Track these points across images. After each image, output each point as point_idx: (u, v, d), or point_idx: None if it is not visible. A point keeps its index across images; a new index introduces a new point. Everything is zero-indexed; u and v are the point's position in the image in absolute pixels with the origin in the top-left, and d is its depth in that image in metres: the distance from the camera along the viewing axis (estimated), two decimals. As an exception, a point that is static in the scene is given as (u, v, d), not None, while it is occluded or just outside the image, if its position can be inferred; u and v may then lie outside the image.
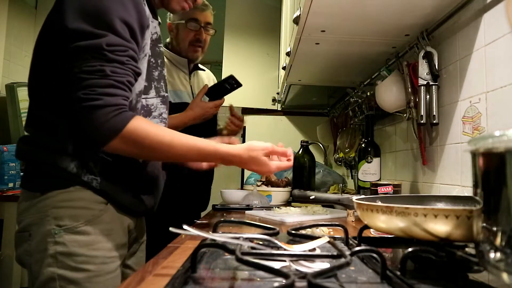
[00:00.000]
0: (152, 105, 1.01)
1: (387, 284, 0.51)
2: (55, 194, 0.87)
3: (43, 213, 0.87)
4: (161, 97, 1.05)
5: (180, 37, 1.77)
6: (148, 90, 1.00)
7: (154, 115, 1.03)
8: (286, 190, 1.75)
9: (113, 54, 0.83)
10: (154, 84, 1.02)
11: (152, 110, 1.02)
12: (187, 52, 1.78)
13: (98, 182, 0.90)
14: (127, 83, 0.85)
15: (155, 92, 1.02)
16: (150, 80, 1.00)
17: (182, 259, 0.66)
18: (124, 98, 0.84)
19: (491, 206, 0.41)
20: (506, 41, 0.92)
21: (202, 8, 1.75)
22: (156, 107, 1.03)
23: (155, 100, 1.02)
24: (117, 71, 0.83)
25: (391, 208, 0.58)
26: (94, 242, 0.88)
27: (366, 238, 0.78)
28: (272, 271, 0.46)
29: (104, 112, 0.80)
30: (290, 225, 1.12)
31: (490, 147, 0.42)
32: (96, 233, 0.88)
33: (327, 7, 1.15)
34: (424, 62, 1.23)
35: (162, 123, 1.05)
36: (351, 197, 1.27)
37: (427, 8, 1.14)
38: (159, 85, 1.05)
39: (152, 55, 1.00)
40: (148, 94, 1.00)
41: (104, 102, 0.80)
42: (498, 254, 0.40)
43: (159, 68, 1.04)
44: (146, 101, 0.99)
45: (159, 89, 1.04)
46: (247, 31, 3.16)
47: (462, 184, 1.11)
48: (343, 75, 1.96)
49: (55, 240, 0.85)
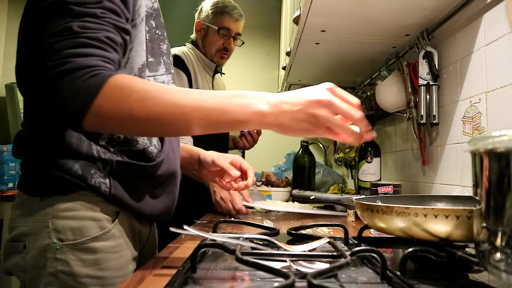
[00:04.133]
0: (163, 83, 0.86)
1: (387, 284, 0.51)
2: (57, 201, 0.74)
3: (42, 223, 0.73)
4: (171, 74, 0.91)
5: (208, 41, 1.74)
6: (157, 66, 0.86)
7: None
8: (286, 190, 1.75)
9: (81, 7, 0.66)
10: (163, 59, 0.88)
11: None
12: (212, 57, 1.75)
13: (107, 186, 0.76)
14: (106, 39, 0.67)
15: (165, 68, 0.88)
16: (158, 55, 0.87)
17: (182, 259, 0.66)
18: (102, 58, 0.65)
19: (491, 206, 0.41)
20: (506, 41, 0.92)
21: (237, 17, 1.73)
22: (167, 85, 0.88)
23: (165, 77, 0.88)
24: (89, 26, 0.66)
25: (391, 208, 0.58)
26: (101, 261, 0.74)
27: (366, 238, 0.78)
28: (272, 271, 0.46)
29: (73, 77, 0.61)
30: (288, 223, 1.12)
31: (490, 147, 0.42)
32: (105, 250, 0.75)
33: (327, 7, 1.15)
34: (424, 62, 1.23)
35: None
36: (351, 197, 1.28)
37: (427, 8, 1.14)
38: (169, 60, 0.91)
39: (158, 26, 0.87)
40: (158, 70, 0.86)
41: (72, 65, 0.62)
42: (498, 254, 0.40)
43: (166, 42, 0.91)
44: (155, 79, 0.85)
45: (169, 65, 0.91)
46: (247, 31, 3.14)
47: (462, 184, 1.11)
48: (343, 75, 1.96)
49: (56, 256, 0.72)
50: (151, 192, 0.85)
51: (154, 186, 0.85)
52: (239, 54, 3.21)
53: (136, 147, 0.80)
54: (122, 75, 0.64)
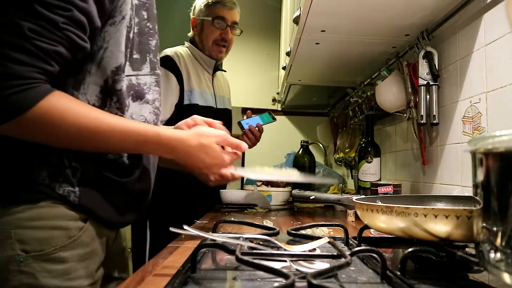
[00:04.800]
0: (145, 84, 0.80)
1: (387, 284, 0.51)
2: (21, 210, 0.68)
3: (4, 233, 0.67)
4: (156, 76, 0.83)
5: (204, 34, 1.68)
6: (142, 64, 0.78)
7: (148, 99, 0.81)
8: (286, 190, 1.75)
9: (44, 9, 0.59)
10: (150, 57, 0.80)
11: (145, 92, 0.80)
12: (210, 51, 1.68)
13: (76, 195, 0.71)
14: (53, 54, 0.61)
15: (150, 68, 0.80)
16: (145, 52, 0.79)
17: (182, 259, 0.66)
18: (41, 71, 0.60)
19: (491, 206, 0.41)
20: (506, 41, 0.92)
21: (231, 6, 1.67)
22: (150, 88, 0.81)
23: (149, 79, 0.80)
24: (42, 33, 0.60)
25: (391, 208, 0.58)
26: (70, 270, 0.70)
27: (366, 238, 0.78)
28: (272, 271, 0.46)
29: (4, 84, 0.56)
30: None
31: (490, 147, 0.42)
32: (73, 259, 0.71)
33: (327, 7, 1.15)
34: (424, 62, 1.23)
35: (153, 115, 0.83)
36: (351, 197, 1.28)
37: (427, 8, 1.14)
38: (156, 59, 0.83)
39: (149, 18, 0.80)
40: (141, 69, 0.78)
41: (6, 70, 0.56)
42: (498, 254, 0.40)
43: (156, 37, 0.83)
44: (138, 79, 0.77)
45: (155, 64, 0.82)
46: (247, 31, 3.15)
47: (462, 184, 1.11)
48: (343, 75, 1.96)
49: (20, 269, 0.66)
50: (122, 205, 0.81)
51: (126, 201, 0.81)
52: (239, 54, 3.22)
53: (106, 156, 0.76)
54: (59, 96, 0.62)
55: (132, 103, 0.78)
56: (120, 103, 0.75)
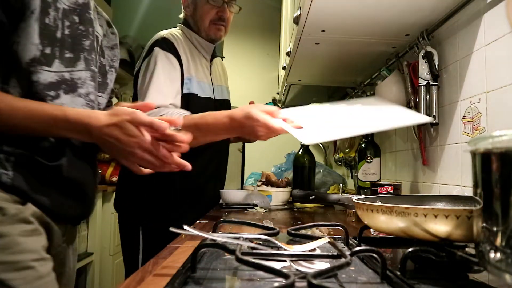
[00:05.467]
0: (79, 79, 0.86)
1: (387, 284, 0.51)
2: None
3: None
4: (92, 71, 0.90)
5: (198, 14, 1.47)
6: (76, 61, 0.86)
7: (80, 92, 0.87)
8: (286, 190, 1.75)
9: None
10: (84, 55, 0.88)
11: (79, 86, 0.86)
12: (207, 32, 1.47)
13: (9, 177, 0.75)
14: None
15: (85, 64, 0.88)
16: (78, 51, 0.86)
17: (182, 259, 0.66)
18: None
19: (491, 206, 0.41)
20: (506, 41, 0.92)
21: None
22: (84, 82, 0.88)
23: (84, 74, 0.87)
24: None
25: (391, 208, 0.58)
26: (11, 244, 0.72)
27: (366, 238, 0.78)
28: (272, 271, 0.46)
29: None
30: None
31: (490, 147, 0.42)
32: (14, 233, 0.73)
33: (327, 7, 1.15)
34: (424, 62, 1.23)
35: (88, 107, 0.88)
36: (351, 197, 1.28)
37: (427, 8, 1.14)
38: (91, 57, 0.90)
39: (82, 22, 0.88)
40: (75, 66, 0.85)
41: None
42: (498, 254, 0.40)
43: (90, 37, 0.90)
44: (71, 75, 0.84)
45: (90, 61, 0.89)
46: (247, 31, 3.16)
47: (462, 184, 1.11)
48: (343, 75, 1.96)
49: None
50: (58, 193, 0.83)
51: (62, 189, 0.83)
52: (239, 54, 3.22)
53: (36, 140, 0.79)
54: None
55: (64, 95, 0.83)
56: (40, 94, 0.78)
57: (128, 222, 1.47)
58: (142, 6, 3.85)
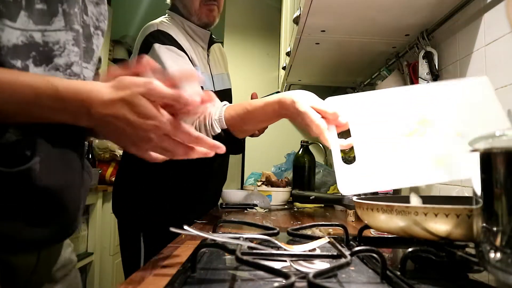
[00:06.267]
0: (56, 43, 0.59)
1: (387, 284, 0.51)
2: None
3: None
4: (74, 32, 0.62)
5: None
6: (50, 16, 0.58)
7: (58, 63, 0.59)
8: (286, 190, 1.75)
9: None
10: (62, 7, 0.60)
11: (55, 54, 0.59)
12: (199, 15, 1.33)
13: None
14: None
15: (64, 22, 0.60)
16: (56, 2, 0.59)
17: (182, 259, 0.66)
18: None
19: (491, 206, 0.41)
20: (506, 41, 0.92)
21: None
22: (64, 48, 0.60)
23: (63, 35, 0.60)
24: None
25: (392, 207, 0.58)
26: None
27: (366, 238, 0.78)
28: (272, 271, 0.46)
29: None
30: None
31: (490, 147, 0.42)
32: None
33: (327, 7, 1.15)
34: (424, 62, 1.23)
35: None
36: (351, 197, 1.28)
37: (427, 8, 1.14)
38: (74, 11, 0.62)
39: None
40: (50, 23, 0.58)
41: None
42: (498, 254, 0.40)
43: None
44: (44, 37, 0.57)
45: (72, 17, 0.61)
46: (247, 31, 3.16)
47: (462, 184, 1.11)
48: (343, 75, 1.96)
49: None
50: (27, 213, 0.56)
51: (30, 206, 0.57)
52: (239, 54, 3.22)
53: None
54: None
55: (35, 68, 0.57)
56: (2, 63, 0.53)
57: (128, 228, 1.41)
58: (141, 6, 3.86)
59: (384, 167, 0.71)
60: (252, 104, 0.99)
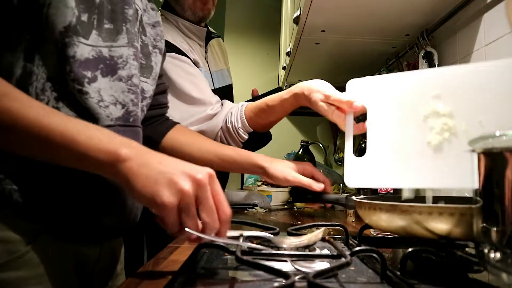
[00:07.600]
0: (120, 57, 0.66)
1: (387, 284, 0.51)
2: None
3: None
4: (135, 48, 0.70)
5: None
6: (117, 34, 0.66)
7: (121, 75, 0.66)
8: (286, 190, 1.75)
9: None
10: (126, 26, 0.68)
11: (119, 67, 0.66)
12: (193, 10, 1.27)
13: (19, 194, 0.56)
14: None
15: (127, 39, 0.68)
16: (121, 21, 0.67)
17: (182, 259, 0.66)
18: None
19: (491, 206, 0.41)
20: (506, 41, 0.92)
21: None
22: (126, 62, 0.67)
23: (126, 50, 0.67)
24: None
25: (395, 206, 0.58)
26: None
27: (366, 238, 0.77)
28: (272, 271, 0.46)
29: None
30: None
31: (490, 147, 0.42)
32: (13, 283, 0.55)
33: (327, 7, 1.15)
34: (424, 62, 1.23)
35: (131, 94, 0.68)
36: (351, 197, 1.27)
37: (427, 8, 1.14)
38: (134, 30, 0.70)
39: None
40: (116, 40, 0.66)
41: None
42: (498, 254, 0.40)
43: (134, 6, 0.71)
44: (111, 51, 0.65)
45: (133, 36, 0.69)
46: (247, 31, 3.16)
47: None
48: (343, 75, 1.96)
49: None
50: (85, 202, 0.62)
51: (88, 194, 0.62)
52: (239, 54, 3.22)
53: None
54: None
55: (102, 78, 0.63)
56: (76, 74, 0.59)
57: (131, 231, 1.41)
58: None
59: (393, 163, 0.67)
60: (269, 104, 1.06)
